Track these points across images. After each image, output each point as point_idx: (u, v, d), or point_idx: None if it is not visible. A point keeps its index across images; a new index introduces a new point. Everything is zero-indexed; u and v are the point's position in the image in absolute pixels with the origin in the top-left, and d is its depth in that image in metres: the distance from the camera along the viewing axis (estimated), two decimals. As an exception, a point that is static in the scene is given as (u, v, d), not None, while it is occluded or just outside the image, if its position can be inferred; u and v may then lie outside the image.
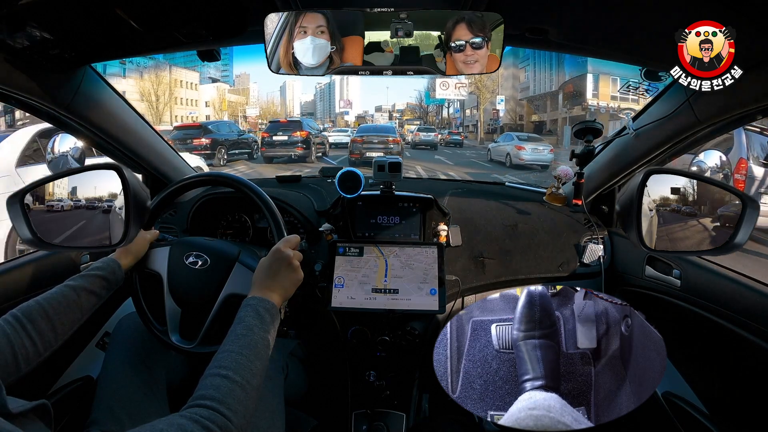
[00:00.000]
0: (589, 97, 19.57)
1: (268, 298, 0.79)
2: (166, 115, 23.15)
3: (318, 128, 15.62)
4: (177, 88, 25.63)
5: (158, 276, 1.00)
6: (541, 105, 23.98)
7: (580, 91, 20.20)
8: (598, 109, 18.62)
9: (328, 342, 1.38)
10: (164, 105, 23.22)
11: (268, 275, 0.84)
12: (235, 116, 28.75)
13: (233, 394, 0.64)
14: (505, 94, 25.23)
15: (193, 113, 26.73)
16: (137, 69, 21.24)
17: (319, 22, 0.86)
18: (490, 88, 25.05)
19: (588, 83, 19.53)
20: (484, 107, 25.13)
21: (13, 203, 0.87)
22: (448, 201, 1.43)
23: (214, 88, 28.90)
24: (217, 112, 27.88)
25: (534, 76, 24.72)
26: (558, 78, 22.56)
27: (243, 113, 29.73)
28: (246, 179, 1.06)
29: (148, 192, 1.08)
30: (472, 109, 27.85)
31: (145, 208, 0.97)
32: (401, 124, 29.31)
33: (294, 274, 0.85)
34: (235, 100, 30.76)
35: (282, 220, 0.99)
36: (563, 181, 1.46)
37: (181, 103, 26.46)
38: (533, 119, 24.20)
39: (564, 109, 21.35)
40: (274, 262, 0.85)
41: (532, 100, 24.63)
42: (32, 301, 0.82)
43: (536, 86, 24.44)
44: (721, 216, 0.90)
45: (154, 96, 22.46)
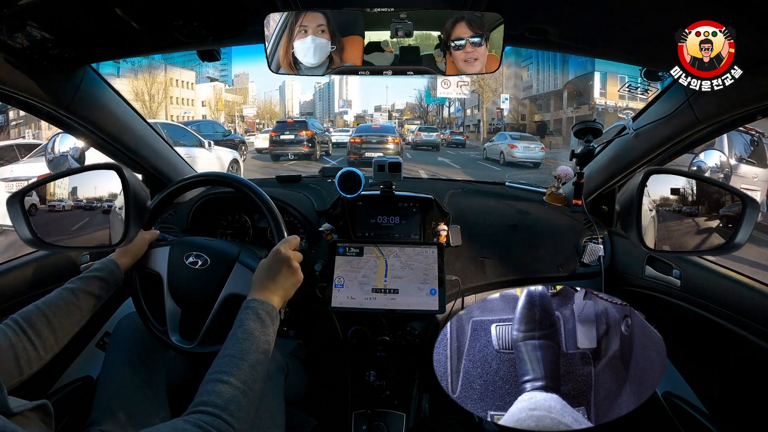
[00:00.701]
0: (596, 96, 18.96)
1: (268, 300, 0.80)
2: (161, 114, 22.68)
3: (322, 128, 15.94)
4: (172, 88, 25.12)
5: (158, 276, 1.00)
6: (544, 104, 23.33)
7: (587, 90, 19.58)
8: (605, 108, 17.94)
9: (328, 342, 1.38)
10: (158, 104, 22.87)
11: (268, 276, 0.84)
12: (232, 116, 28.39)
13: (235, 400, 0.65)
14: (506, 94, 24.74)
15: (188, 113, 26.23)
16: (132, 68, 20.92)
17: (320, 21, 0.86)
18: (492, 86, 24.42)
19: (595, 82, 18.90)
20: (486, 106, 24.61)
21: (13, 203, 0.87)
22: (448, 201, 1.43)
23: (211, 88, 28.24)
24: (214, 112, 27.37)
25: (537, 75, 24.06)
26: (562, 77, 21.96)
27: (240, 113, 29.27)
28: (246, 179, 1.06)
29: (148, 192, 1.08)
30: (472, 108, 27.28)
31: (145, 208, 0.97)
32: (401, 124, 29.03)
33: (294, 275, 0.85)
34: (232, 99, 30.20)
35: (282, 220, 0.99)
36: (563, 181, 1.46)
37: (176, 102, 25.88)
38: (536, 119, 23.52)
39: (569, 108, 20.85)
40: (275, 263, 0.85)
41: (534, 100, 23.98)
42: (31, 306, 0.82)
43: (539, 85, 23.78)
44: (723, 216, 0.90)
45: (147, 95, 22.08)
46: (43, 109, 1.02)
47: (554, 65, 22.26)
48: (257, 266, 0.88)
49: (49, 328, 0.80)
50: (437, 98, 25.17)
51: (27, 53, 0.86)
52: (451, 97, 25.08)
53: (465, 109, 28.10)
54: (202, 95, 27.80)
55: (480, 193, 1.52)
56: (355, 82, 53.95)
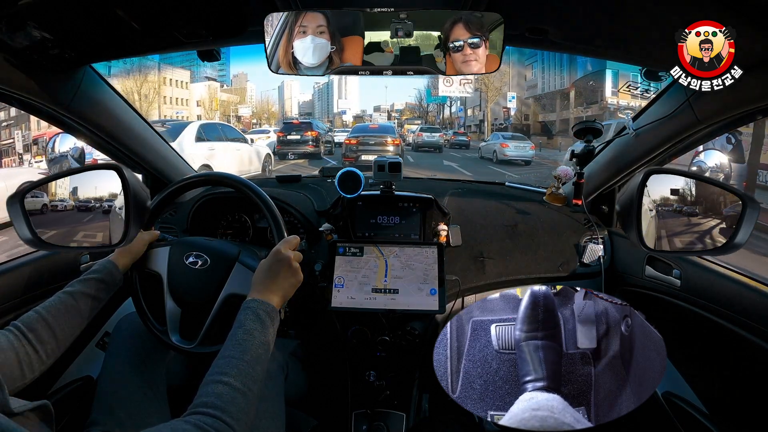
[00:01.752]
0: (608, 95, 18.03)
1: (267, 300, 0.79)
2: (153, 114, 21.96)
3: (325, 128, 16.57)
4: (165, 87, 24.30)
5: (158, 276, 1.00)
6: (549, 104, 22.36)
7: (597, 89, 18.65)
8: (617, 107, 16.91)
9: (328, 342, 1.38)
10: (149, 104, 22.19)
11: (268, 276, 0.84)
12: (227, 116, 27.46)
13: (235, 401, 0.65)
14: (513, 92, 23.74)
15: (181, 113, 25.43)
16: (124, 68, 20.30)
17: (320, 21, 0.86)
18: (497, 85, 23.36)
19: (607, 80, 17.99)
20: (490, 105, 23.93)
21: (13, 203, 0.87)
22: (448, 201, 1.43)
23: (206, 87, 27.34)
24: (208, 112, 26.54)
25: (542, 74, 22.94)
26: (570, 75, 20.87)
27: (236, 113, 28.53)
28: (246, 179, 1.06)
29: (148, 192, 1.08)
30: (474, 108, 26.62)
31: (145, 208, 0.97)
32: (400, 124, 28.63)
33: (294, 275, 0.85)
34: (227, 99, 29.30)
35: (282, 220, 0.99)
36: (563, 181, 1.46)
37: (169, 102, 24.89)
38: (540, 119, 22.44)
39: (579, 108, 19.76)
40: (274, 263, 0.85)
41: (539, 99, 22.89)
42: (32, 311, 0.82)
43: (545, 84, 22.79)
44: (723, 216, 0.90)
45: (137, 95, 21.31)
46: (43, 109, 1.02)
47: (560, 63, 21.32)
48: (257, 266, 0.88)
49: (50, 332, 0.81)
50: (438, 97, 24.42)
51: (27, 53, 0.86)
52: (453, 96, 24.38)
53: (467, 108, 27.53)
54: (197, 94, 26.89)
55: (480, 193, 1.52)
56: (355, 82, 53.86)
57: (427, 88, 27.85)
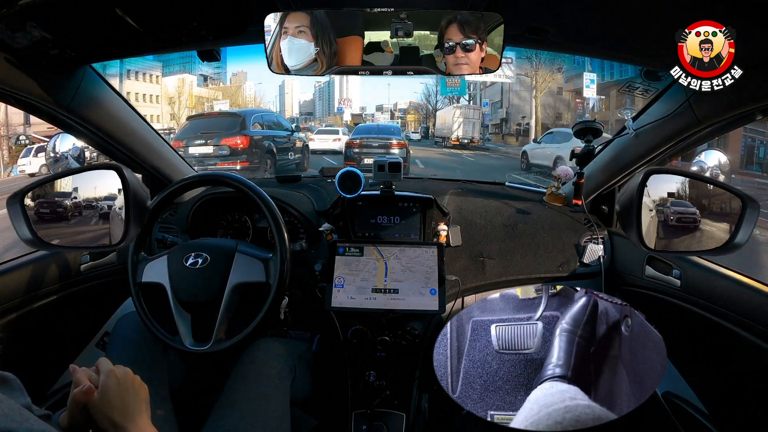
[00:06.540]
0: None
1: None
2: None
3: (289, 127, 9.05)
4: (127, 81, 19.43)
5: (160, 286, 1.00)
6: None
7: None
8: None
9: (328, 342, 1.37)
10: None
11: (120, 405, 0.68)
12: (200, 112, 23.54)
13: None
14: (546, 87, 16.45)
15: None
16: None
17: (300, 22, 0.85)
18: (549, 69, 16.12)
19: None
20: (541, 96, 16.71)
21: (13, 203, 0.88)
22: (448, 201, 1.43)
23: (180, 81, 22.06)
24: (180, 109, 21.22)
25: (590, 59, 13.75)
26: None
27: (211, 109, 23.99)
28: (246, 179, 1.06)
29: (148, 192, 1.09)
30: (492, 104, 20.01)
31: (145, 208, 0.97)
32: (403, 125, 27.59)
33: (141, 386, 0.73)
34: (206, 94, 23.80)
35: (282, 220, 0.99)
36: (563, 181, 1.46)
37: (135, 99, 19.65)
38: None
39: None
40: (119, 385, 0.69)
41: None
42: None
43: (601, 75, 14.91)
44: (723, 216, 0.90)
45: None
46: (43, 109, 1.02)
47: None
48: (257, 255, 0.83)
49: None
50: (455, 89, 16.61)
51: (27, 53, 0.86)
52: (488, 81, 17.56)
53: (491, 103, 20.58)
54: (171, 89, 21.83)
55: (480, 193, 1.52)
56: (356, 81, 53.76)
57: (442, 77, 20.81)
